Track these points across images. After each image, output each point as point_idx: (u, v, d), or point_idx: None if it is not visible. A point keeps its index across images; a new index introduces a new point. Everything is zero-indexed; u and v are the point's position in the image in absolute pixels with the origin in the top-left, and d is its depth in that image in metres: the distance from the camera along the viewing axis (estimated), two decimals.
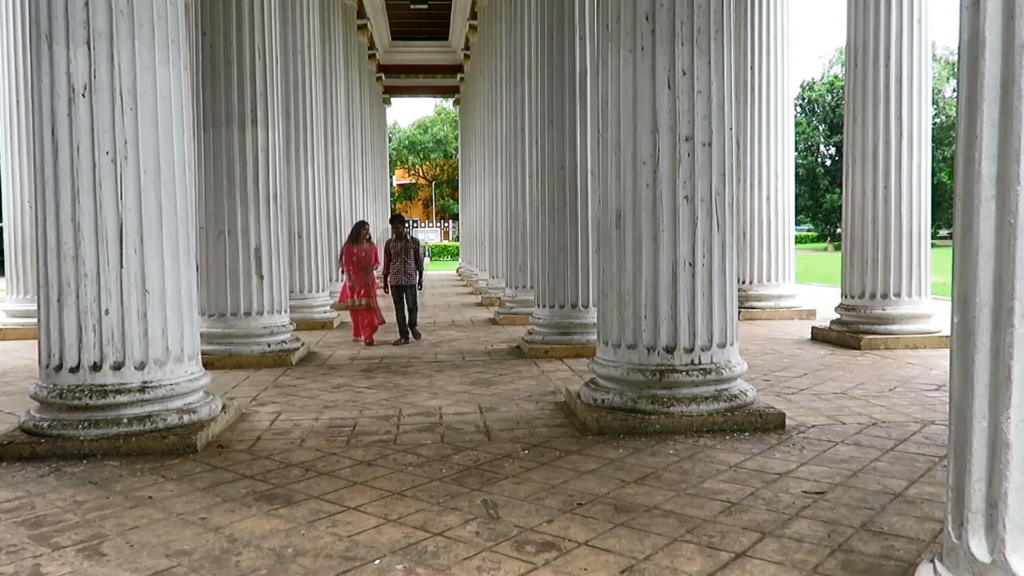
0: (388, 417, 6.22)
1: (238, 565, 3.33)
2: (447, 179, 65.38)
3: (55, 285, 5.27)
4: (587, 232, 9.41)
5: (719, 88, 5.64)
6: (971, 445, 2.50)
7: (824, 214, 58.20)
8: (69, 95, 5.19)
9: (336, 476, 4.61)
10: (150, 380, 5.38)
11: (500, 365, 8.85)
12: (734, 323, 5.92)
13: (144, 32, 5.32)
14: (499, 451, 5.12)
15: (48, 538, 3.68)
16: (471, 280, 24.62)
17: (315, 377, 8.22)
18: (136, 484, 4.51)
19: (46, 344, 5.35)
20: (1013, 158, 2.38)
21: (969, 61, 2.54)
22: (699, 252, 5.66)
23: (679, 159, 5.61)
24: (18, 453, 5.07)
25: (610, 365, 5.92)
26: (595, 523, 3.76)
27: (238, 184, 8.94)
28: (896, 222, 9.62)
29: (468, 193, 29.81)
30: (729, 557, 3.33)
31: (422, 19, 26.31)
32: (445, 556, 3.39)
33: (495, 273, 18.56)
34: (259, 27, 9.04)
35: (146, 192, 5.34)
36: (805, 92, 59.24)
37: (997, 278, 2.44)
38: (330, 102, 16.70)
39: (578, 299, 9.52)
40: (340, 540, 3.60)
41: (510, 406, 6.57)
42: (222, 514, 3.97)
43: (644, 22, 5.60)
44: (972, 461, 2.49)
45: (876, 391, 6.99)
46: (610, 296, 5.96)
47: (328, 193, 15.43)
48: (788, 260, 13.83)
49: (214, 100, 8.94)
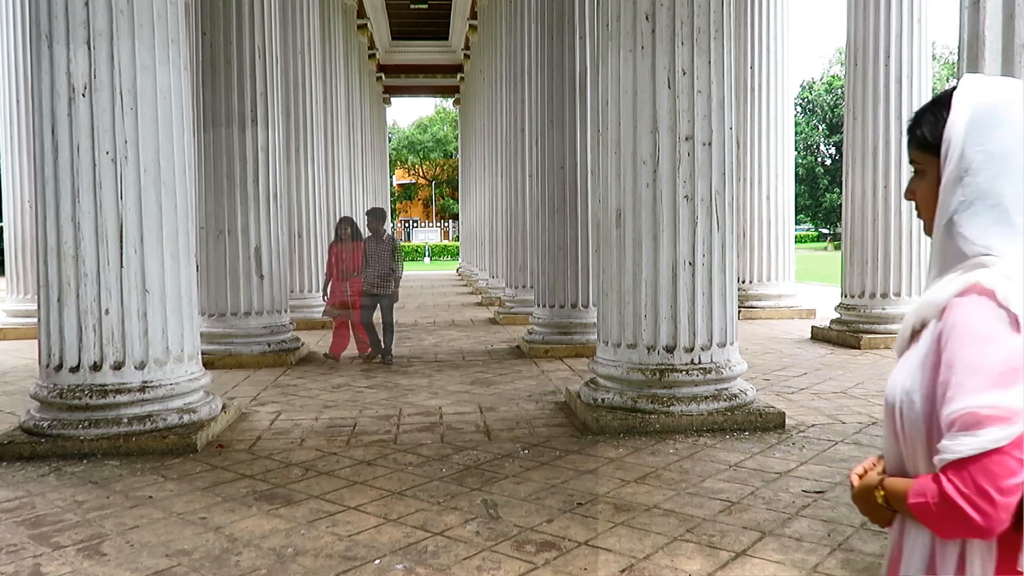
0: (388, 417, 6.22)
1: (238, 565, 3.33)
2: (447, 179, 65.38)
3: (55, 285, 5.27)
4: (587, 232, 9.41)
5: (719, 88, 5.64)
6: None
7: (824, 214, 58.20)
8: (69, 95, 5.19)
9: (336, 476, 4.61)
10: (150, 380, 5.38)
11: (500, 365, 8.85)
12: (734, 322, 5.92)
13: (144, 32, 5.32)
14: (499, 451, 5.12)
15: (48, 538, 3.68)
16: (471, 280, 24.62)
17: (315, 377, 8.22)
18: (136, 484, 4.51)
19: (46, 344, 5.35)
20: None
21: (969, 61, 2.54)
22: (699, 251, 5.66)
23: (679, 159, 5.61)
24: (18, 453, 5.07)
25: (610, 364, 5.92)
26: (595, 522, 3.76)
27: (238, 184, 8.94)
28: (896, 222, 9.62)
29: (468, 193, 29.81)
30: (729, 556, 3.33)
31: (422, 19, 26.29)
32: (445, 556, 3.39)
33: (495, 273, 18.56)
34: (259, 27, 9.04)
35: (146, 192, 5.34)
36: (805, 92, 59.23)
37: None
38: (330, 102, 16.69)
39: (578, 299, 9.53)
40: (340, 540, 3.60)
41: (510, 406, 6.57)
42: (222, 514, 3.97)
43: (644, 22, 5.60)
44: None
45: (876, 390, 6.99)
46: (610, 295, 5.96)
47: (328, 193, 15.41)
48: (788, 259, 13.83)
49: (214, 100, 8.94)
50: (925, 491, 1.09)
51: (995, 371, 1.05)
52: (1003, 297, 1.08)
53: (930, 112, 1.24)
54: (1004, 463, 1.02)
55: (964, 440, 1.04)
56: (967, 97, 1.18)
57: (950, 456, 1.05)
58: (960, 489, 1.04)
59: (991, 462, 1.02)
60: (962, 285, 1.13)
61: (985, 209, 1.15)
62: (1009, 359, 1.05)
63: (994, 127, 1.15)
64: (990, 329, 1.07)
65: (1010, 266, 1.11)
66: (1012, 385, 1.04)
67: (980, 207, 1.15)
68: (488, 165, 20.72)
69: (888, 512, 1.22)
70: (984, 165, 1.15)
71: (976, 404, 1.04)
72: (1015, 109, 1.15)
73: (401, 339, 11.36)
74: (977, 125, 1.16)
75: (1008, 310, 1.08)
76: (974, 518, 1.03)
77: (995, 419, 1.03)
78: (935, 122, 1.22)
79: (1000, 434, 1.02)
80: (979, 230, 1.15)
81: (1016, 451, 1.02)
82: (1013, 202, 1.13)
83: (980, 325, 1.08)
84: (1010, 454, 1.02)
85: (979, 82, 1.20)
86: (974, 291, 1.11)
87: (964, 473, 1.04)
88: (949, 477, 1.05)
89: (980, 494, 1.02)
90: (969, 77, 1.22)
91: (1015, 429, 1.02)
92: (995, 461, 1.02)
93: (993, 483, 1.02)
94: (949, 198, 1.18)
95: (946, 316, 1.13)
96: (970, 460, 1.03)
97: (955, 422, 1.06)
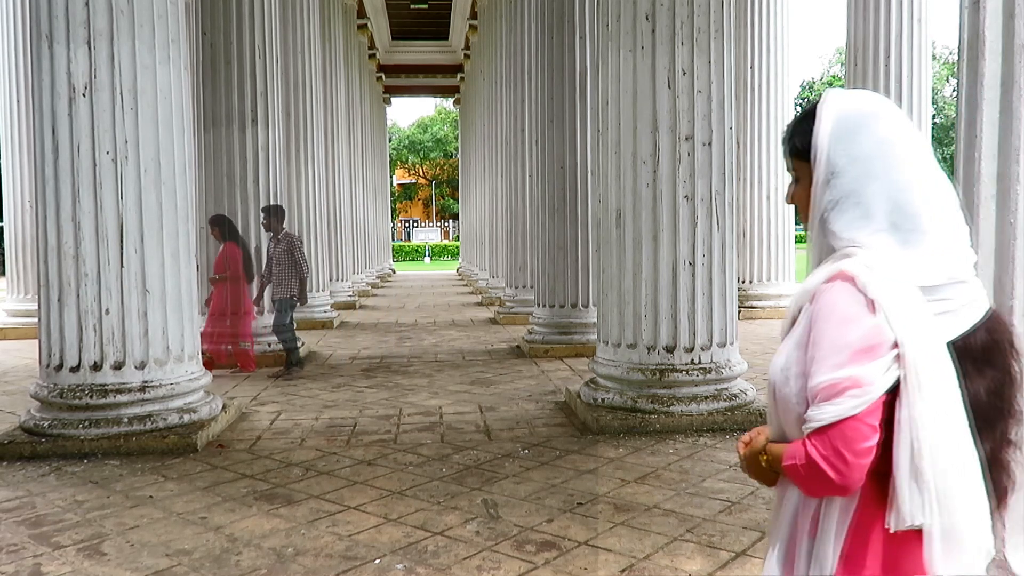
0: (388, 416, 6.22)
1: (238, 564, 3.33)
2: (447, 179, 65.34)
3: (55, 285, 5.28)
4: (587, 232, 9.40)
5: (719, 87, 5.64)
6: None
7: None
8: (70, 95, 5.19)
9: (336, 475, 4.61)
10: (150, 380, 5.38)
11: (500, 364, 8.85)
12: (734, 322, 5.92)
13: (144, 32, 5.32)
14: (499, 450, 5.13)
15: (49, 537, 3.68)
16: (471, 280, 24.61)
17: (315, 376, 8.22)
18: (136, 483, 4.52)
19: (46, 343, 5.35)
20: (1013, 157, 2.38)
21: (969, 61, 2.54)
22: (699, 251, 5.66)
23: (679, 158, 5.61)
24: (19, 452, 5.07)
25: (610, 364, 5.92)
26: (595, 522, 3.76)
27: (238, 183, 8.93)
28: None
29: (468, 193, 29.80)
30: (729, 556, 3.34)
31: (422, 19, 26.27)
32: (445, 555, 3.39)
33: (495, 273, 18.55)
34: (259, 27, 9.04)
35: (146, 191, 5.34)
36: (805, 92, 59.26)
37: (997, 278, 2.44)
38: (330, 102, 16.68)
39: (578, 299, 9.53)
40: (340, 539, 3.60)
41: (510, 405, 6.58)
42: (222, 513, 3.97)
43: (644, 21, 5.60)
44: None
45: None
46: (610, 295, 5.96)
47: (328, 193, 15.39)
48: (788, 259, 13.82)
49: (214, 100, 8.93)
50: (795, 454, 1.23)
51: (853, 348, 1.18)
52: (862, 283, 1.21)
53: (801, 124, 1.37)
54: (858, 428, 1.16)
55: (825, 409, 1.17)
56: (831, 109, 1.32)
57: (814, 424, 1.19)
58: (821, 452, 1.17)
59: (847, 427, 1.16)
60: (829, 273, 1.26)
61: (850, 207, 1.28)
62: (865, 337, 1.18)
63: (854, 134, 1.29)
64: (850, 311, 1.20)
65: (871, 256, 1.24)
66: (868, 360, 1.17)
67: (846, 205, 1.28)
68: (488, 165, 20.72)
69: (772, 474, 1.36)
70: (847, 168, 1.28)
71: (836, 377, 1.17)
72: (872, 117, 1.29)
73: (401, 339, 11.37)
74: (840, 133, 1.30)
75: (865, 295, 1.20)
76: (832, 477, 1.17)
77: (851, 390, 1.16)
78: (805, 132, 1.35)
79: (854, 403, 1.16)
80: (845, 225, 1.28)
81: (869, 418, 1.16)
82: (873, 200, 1.26)
83: (842, 308, 1.21)
84: (864, 421, 1.16)
85: (841, 95, 1.34)
86: (839, 278, 1.24)
87: (824, 438, 1.17)
88: (812, 442, 1.19)
89: (837, 456, 1.16)
90: (832, 91, 1.37)
91: (868, 398, 1.16)
92: (850, 427, 1.16)
93: (848, 446, 1.16)
94: (820, 198, 1.32)
95: (815, 301, 1.27)
96: (830, 427, 1.17)
97: (818, 393, 1.19)
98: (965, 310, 1.24)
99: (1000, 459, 1.26)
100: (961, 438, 1.18)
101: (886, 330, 1.18)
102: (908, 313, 1.18)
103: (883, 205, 1.26)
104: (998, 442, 1.25)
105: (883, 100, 1.34)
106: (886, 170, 1.27)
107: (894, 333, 1.18)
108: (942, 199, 1.28)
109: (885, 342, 1.18)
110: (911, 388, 1.16)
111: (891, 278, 1.21)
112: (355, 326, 13.16)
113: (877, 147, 1.27)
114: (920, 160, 1.28)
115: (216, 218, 8.49)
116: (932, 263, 1.23)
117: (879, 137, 1.28)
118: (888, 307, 1.19)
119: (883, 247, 1.25)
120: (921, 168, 1.28)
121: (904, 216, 1.25)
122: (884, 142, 1.28)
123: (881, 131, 1.28)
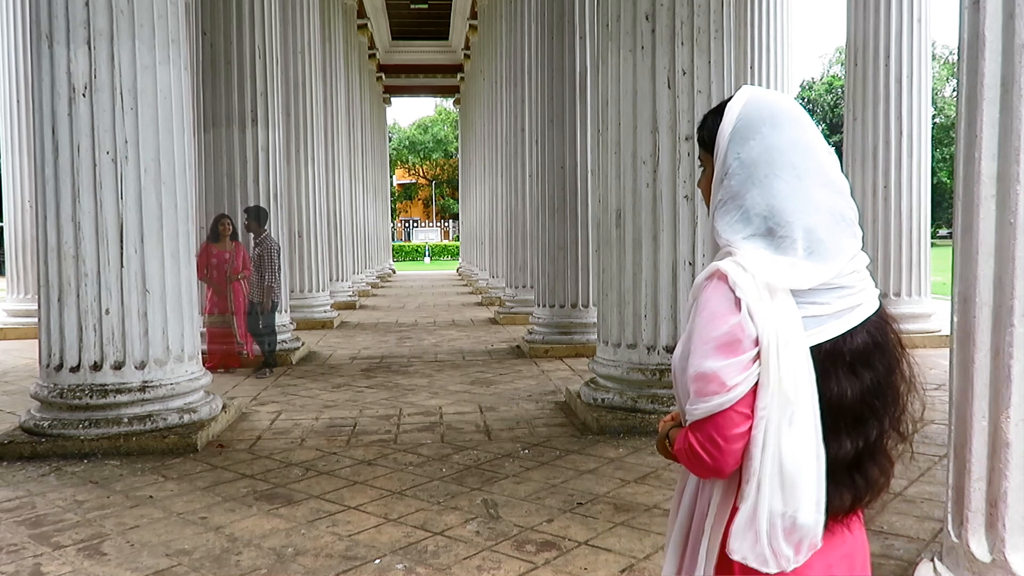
0: (388, 416, 6.22)
1: (238, 564, 3.33)
2: (447, 179, 65.33)
3: (55, 284, 5.28)
4: (587, 232, 9.40)
5: (719, 87, 5.64)
6: (971, 444, 2.50)
7: None
8: (69, 95, 5.19)
9: (336, 475, 4.61)
10: (150, 379, 5.38)
11: (500, 365, 8.85)
12: None
13: (144, 32, 5.32)
14: (499, 450, 5.13)
15: (49, 537, 3.68)
16: (471, 280, 24.61)
17: (315, 376, 8.22)
18: (136, 483, 4.52)
19: (46, 343, 5.35)
20: (1013, 157, 2.38)
21: (969, 61, 2.54)
22: (699, 251, 5.66)
23: (679, 158, 5.61)
24: (19, 452, 5.07)
25: (610, 364, 5.92)
26: (595, 522, 3.76)
27: (238, 184, 8.94)
28: (896, 222, 9.62)
29: (468, 193, 29.80)
30: None
31: (422, 19, 26.28)
32: (445, 555, 3.39)
33: (495, 273, 18.56)
34: (259, 27, 9.04)
35: (146, 191, 5.34)
36: (805, 92, 59.22)
37: (997, 277, 2.44)
38: (330, 102, 16.68)
39: (578, 299, 9.53)
40: (340, 539, 3.60)
41: (510, 405, 6.58)
42: (222, 513, 3.97)
43: (644, 22, 5.60)
44: (972, 460, 2.50)
45: None
46: (610, 295, 5.96)
47: (328, 193, 15.40)
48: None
49: (214, 100, 8.94)
50: (682, 441, 1.36)
51: (717, 342, 1.28)
52: (733, 282, 1.29)
53: (710, 117, 1.43)
54: (730, 417, 1.27)
55: (699, 406, 1.29)
56: (735, 108, 1.36)
57: (692, 417, 1.32)
58: (698, 439, 1.30)
59: (720, 417, 1.28)
60: (709, 271, 1.34)
61: (734, 208, 1.35)
62: (728, 333, 1.27)
63: (747, 138, 1.34)
64: (720, 308, 1.29)
65: (745, 258, 1.31)
66: (730, 354, 1.27)
67: (730, 206, 1.35)
68: (488, 165, 20.72)
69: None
70: (737, 171, 1.34)
71: (702, 368, 1.28)
72: (767, 123, 1.33)
73: (401, 339, 11.38)
74: (736, 135, 1.35)
75: (735, 293, 1.28)
76: (707, 461, 1.30)
77: (719, 392, 1.26)
78: (712, 128, 1.40)
79: (721, 400, 1.27)
80: (727, 226, 1.35)
81: (740, 407, 1.27)
82: (753, 205, 1.32)
83: (713, 304, 1.30)
84: (735, 410, 1.27)
85: (750, 95, 1.37)
86: (715, 276, 1.32)
87: (701, 426, 1.30)
88: (692, 431, 1.32)
89: (711, 442, 1.29)
90: (745, 88, 1.40)
91: (735, 394, 1.26)
92: (723, 416, 1.27)
93: (720, 433, 1.28)
94: (715, 195, 1.39)
95: (695, 296, 1.36)
96: (706, 419, 1.29)
97: (691, 383, 1.30)
98: (846, 313, 1.31)
99: (873, 455, 1.34)
100: (803, 434, 1.27)
101: (749, 327, 1.26)
102: (769, 313, 1.27)
103: (761, 211, 1.32)
104: (872, 440, 1.33)
105: (785, 104, 1.36)
106: (768, 177, 1.32)
107: (756, 330, 1.26)
108: (828, 209, 1.32)
109: (747, 338, 1.26)
110: (761, 383, 1.26)
111: (760, 280, 1.28)
112: (355, 326, 13.16)
113: (764, 153, 1.32)
114: (809, 170, 1.32)
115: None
116: (804, 269, 1.29)
117: (767, 144, 1.32)
118: (752, 306, 1.27)
119: (755, 251, 1.31)
120: (807, 178, 1.32)
121: (778, 224, 1.31)
122: (771, 149, 1.32)
123: (771, 138, 1.32)
